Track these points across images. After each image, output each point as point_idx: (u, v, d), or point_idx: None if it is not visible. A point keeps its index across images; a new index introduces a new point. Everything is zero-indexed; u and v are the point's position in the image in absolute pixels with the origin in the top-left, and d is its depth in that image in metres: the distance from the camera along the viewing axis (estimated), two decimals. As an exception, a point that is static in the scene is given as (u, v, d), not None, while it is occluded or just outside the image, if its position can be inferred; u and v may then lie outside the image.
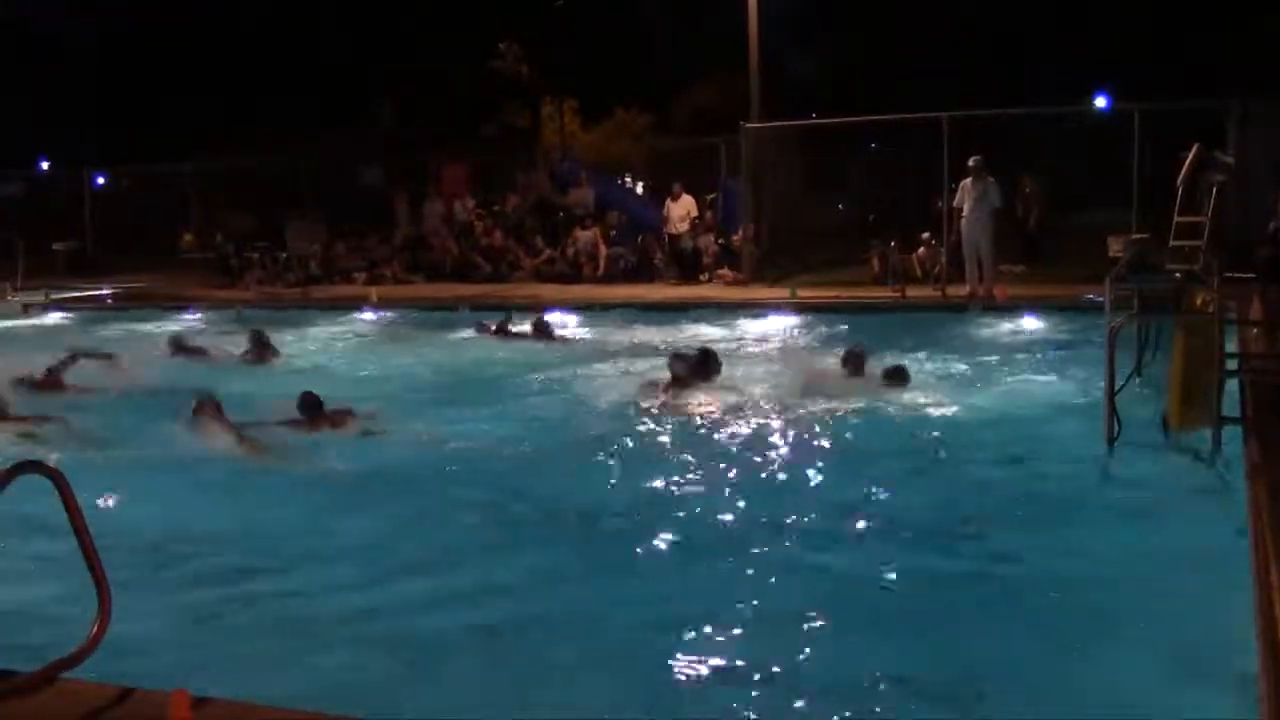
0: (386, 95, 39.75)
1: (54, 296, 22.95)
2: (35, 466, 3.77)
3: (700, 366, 11.75)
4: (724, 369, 12.32)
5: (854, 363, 11.62)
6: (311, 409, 10.05)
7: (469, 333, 16.57)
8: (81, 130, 37.71)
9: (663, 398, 11.24)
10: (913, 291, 18.28)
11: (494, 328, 16.33)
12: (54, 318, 21.20)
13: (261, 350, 14.92)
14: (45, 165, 37.64)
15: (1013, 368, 12.61)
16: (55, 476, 3.81)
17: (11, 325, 19.95)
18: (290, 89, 37.33)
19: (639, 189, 30.90)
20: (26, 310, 21.79)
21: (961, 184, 17.94)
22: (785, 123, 23.18)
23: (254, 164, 28.99)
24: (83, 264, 28.92)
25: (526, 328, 16.14)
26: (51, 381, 12.54)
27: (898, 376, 11.09)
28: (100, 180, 32.56)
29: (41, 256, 28.13)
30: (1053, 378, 11.82)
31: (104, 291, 24.22)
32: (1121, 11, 35.54)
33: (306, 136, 34.28)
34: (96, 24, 39.75)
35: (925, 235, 19.85)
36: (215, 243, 27.33)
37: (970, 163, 17.78)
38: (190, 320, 19.85)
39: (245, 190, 28.93)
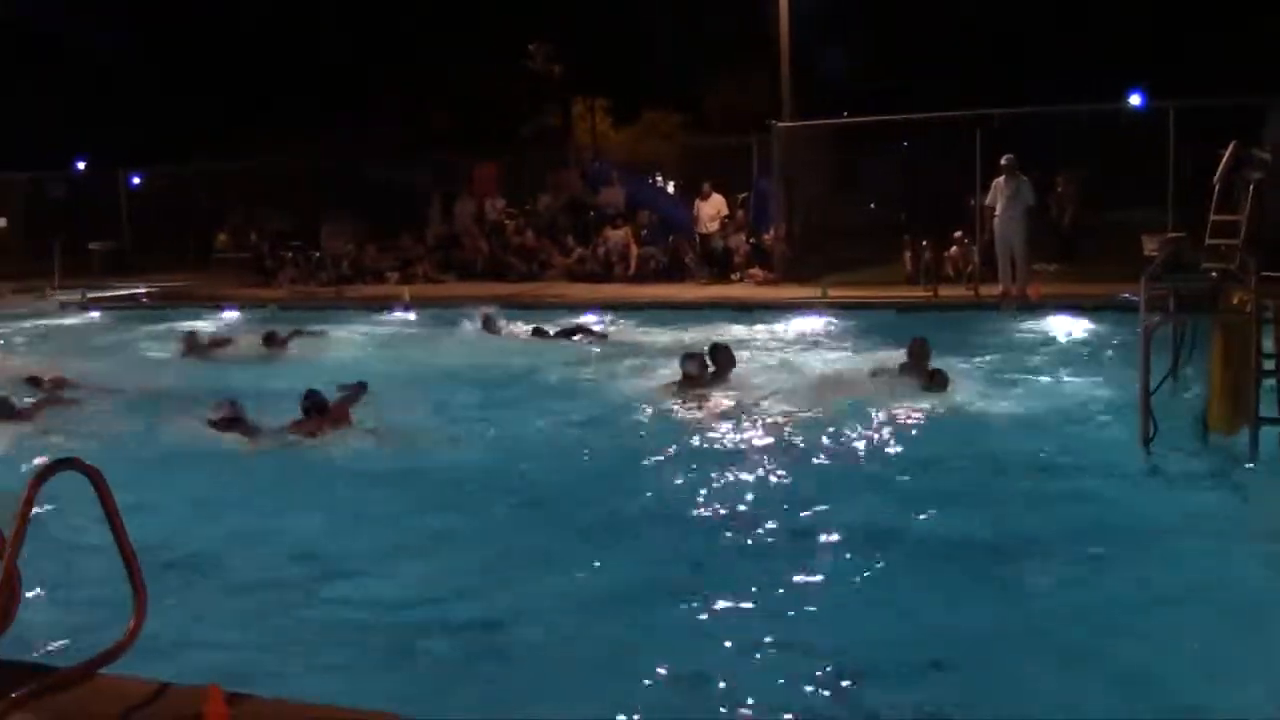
0: (419, 96, 39.88)
1: (91, 296, 23.19)
2: (73, 463, 3.80)
3: (712, 362, 11.74)
4: (755, 370, 12.30)
5: (919, 352, 11.35)
6: (313, 409, 10.01)
7: (466, 331, 16.61)
8: (117, 131, 37.98)
9: (678, 397, 11.22)
10: (945, 291, 18.21)
11: (481, 325, 16.46)
12: (90, 317, 21.39)
13: (275, 348, 15.17)
14: (82, 166, 37.98)
15: (1046, 368, 12.54)
16: (92, 473, 3.84)
17: (49, 324, 20.15)
18: (322, 90, 37.53)
19: (670, 188, 30.91)
20: (64, 309, 22.01)
21: (994, 182, 17.85)
22: (817, 121, 23.13)
23: (288, 164, 29.22)
24: (119, 263, 29.21)
25: (527, 328, 16.22)
26: (58, 381, 12.71)
27: (937, 379, 10.98)
28: (135, 180, 32.85)
29: (79, 256, 28.44)
30: (1087, 378, 11.74)
31: (140, 290, 24.44)
32: (1150, 10, 35.27)
33: (339, 137, 34.51)
34: (133, 25, 40.09)
35: (958, 234, 19.76)
36: (250, 242, 27.55)
37: (1003, 161, 17.69)
38: (225, 319, 19.99)
39: (280, 190, 29.15)
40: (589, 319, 17.35)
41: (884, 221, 26.43)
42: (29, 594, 3.95)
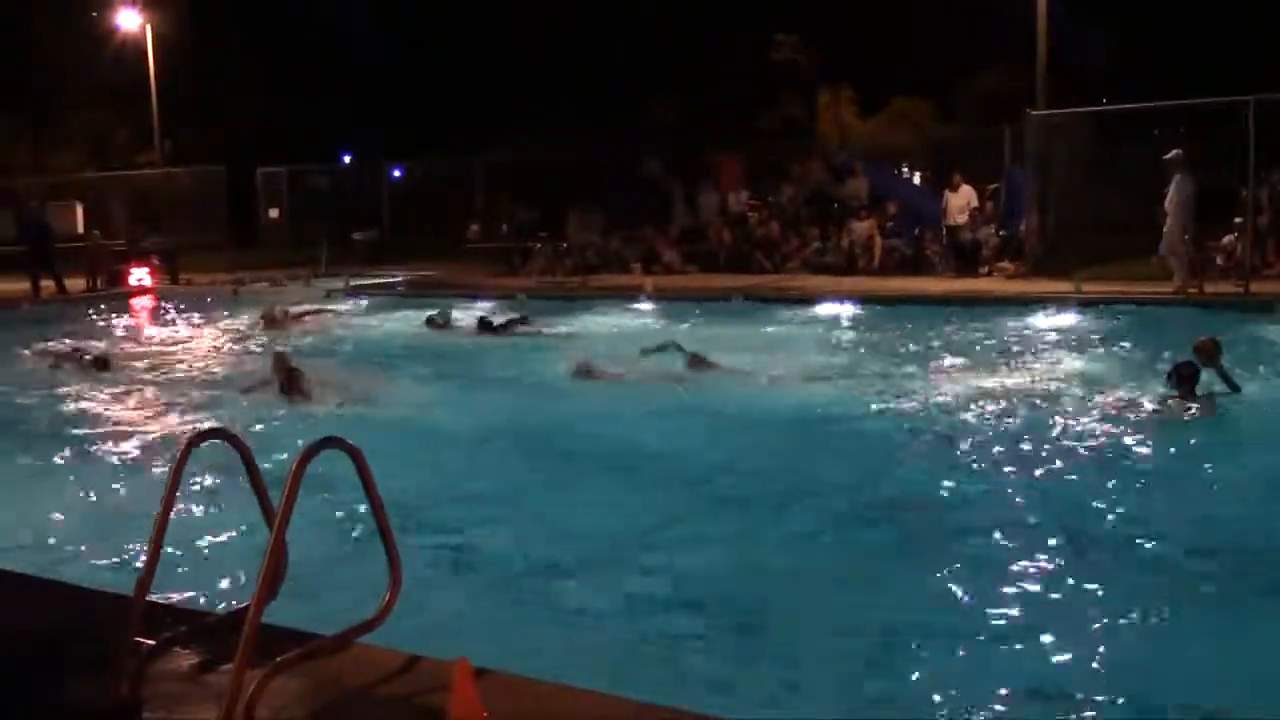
0: (666, 89, 40.29)
1: (353, 283, 24.37)
2: (337, 442, 3.98)
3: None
4: (1004, 366, 11.89)
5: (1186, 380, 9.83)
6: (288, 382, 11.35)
7: (420, 326, 17.58)
8: (380, 127, 39.81)
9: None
10: (1212, 287, 17.20)
11: (439, 322, 17.35)
12: (353, 303, 22.41)
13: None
14: (347, 159, 39.99)
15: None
16: (353, 452, 4.01)
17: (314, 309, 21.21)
18: (574, 86, 38.34)
19: (916, 179, 30.27)
20: (329, 296, 23.16)
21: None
22: (1074, 109, 22.13)
23: (538, 158, 30.02)
24: (379, 252, 30.63)
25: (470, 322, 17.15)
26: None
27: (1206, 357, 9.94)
28: (396, 173, 34.39)
29: (343, 245, 29.99)
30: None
31: (398, 279, 25.54)
32: None
33: (590, 131, 35.19)
34: (396, 26, 41.95)
35: (1238, 220, 18.57)
36: (500, 233, 28.46)
37: (1168, 156, 17.56)
38: (482, 307, 20.63)
39: (529, 183, 29.98)
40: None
41: (1145, 213, 25.09)
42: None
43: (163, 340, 17.71)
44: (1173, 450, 8.83)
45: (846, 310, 17.78)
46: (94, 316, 20.87)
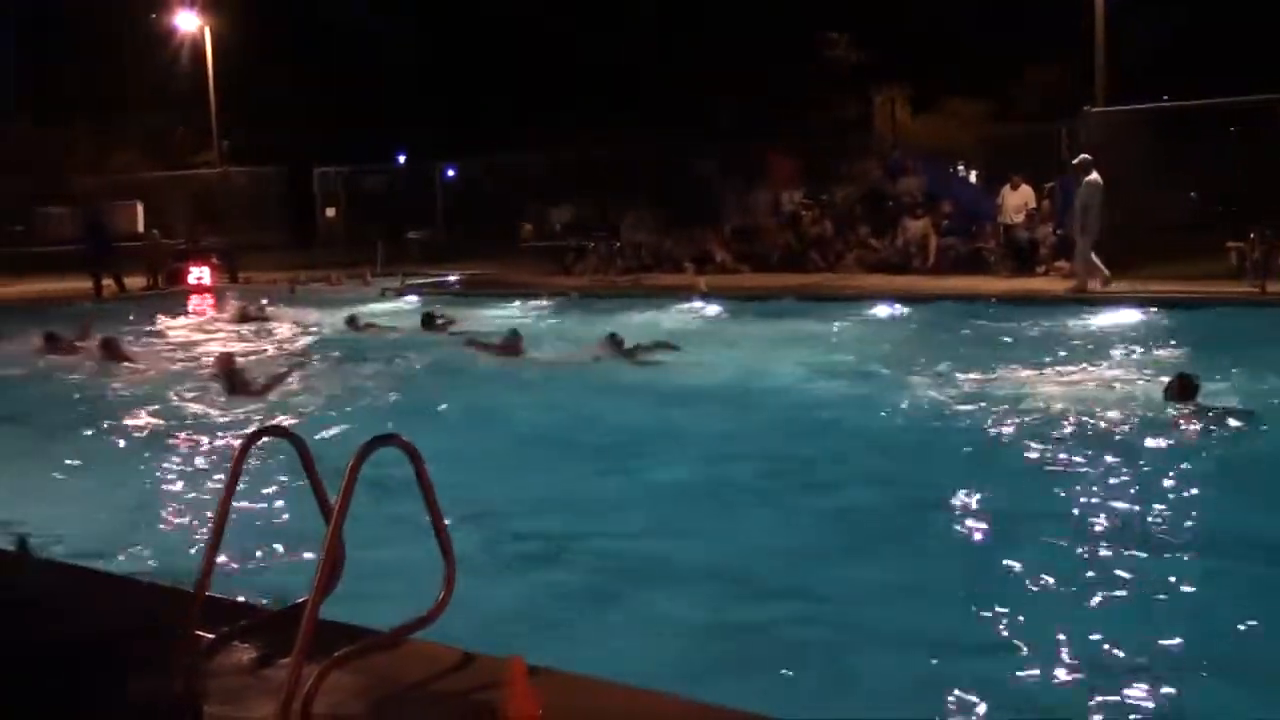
0: (720, 89, 40.18)
1: (408, 281, 24.55)
2: (393, 440, 4.01)
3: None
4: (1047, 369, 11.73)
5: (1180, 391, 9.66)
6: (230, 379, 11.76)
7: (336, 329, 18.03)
8: (434, 125, 40.03)
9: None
10: (1276, 287, 16.91)
11: (354, 325, 17.76)
12: (408, 301, 22.55)
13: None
14: (402, 160, 40.27)
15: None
16: (410, 450, 4.04)
17: (372, 309, 21.37)
18: (629, 87, 38.36)
19: (972, 177, 30.02)
20: (384, 294, 23.35)
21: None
22: (1133, 106, 21.82)
23: (591, 157, 30.07)
24: (433, 251, 30.85)
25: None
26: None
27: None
28: (450, 173, 34.59)
29: (398, 244, 30.25)
30: None
31: (452, 277, 25.71)
32: None
33: (643, 131, 35.22)
34: (450, 28, 42.20)
35: None
36: (553, 232, 28.56)
37: (1075, 160, 18.09)
38: (534, 305, 20.65)
39: (582, 182, 30.07)
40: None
41: (1207, 212, 24.70)
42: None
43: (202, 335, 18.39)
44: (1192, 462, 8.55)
45: (900, 310, 17.61)
46: (148, 314, 21.16)
